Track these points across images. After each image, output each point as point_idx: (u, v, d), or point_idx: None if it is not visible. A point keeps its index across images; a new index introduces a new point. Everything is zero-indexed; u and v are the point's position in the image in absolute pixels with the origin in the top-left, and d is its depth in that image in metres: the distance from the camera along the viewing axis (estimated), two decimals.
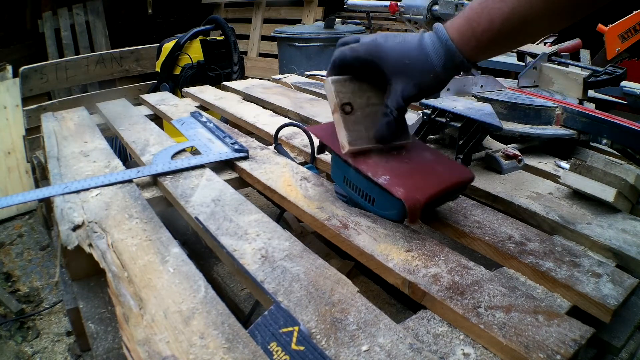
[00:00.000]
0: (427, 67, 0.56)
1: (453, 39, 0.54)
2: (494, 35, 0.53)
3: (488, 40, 0.54)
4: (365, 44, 0.59)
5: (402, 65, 0.56)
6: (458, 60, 0.55)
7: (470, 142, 0.79)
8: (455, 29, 0.55)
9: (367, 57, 0.58)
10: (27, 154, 1.80)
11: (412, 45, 0.56)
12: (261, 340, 0.43)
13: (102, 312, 0.57)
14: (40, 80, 1.83)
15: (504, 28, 0.52)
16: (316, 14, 3.55)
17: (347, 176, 0.65)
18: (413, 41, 0.56)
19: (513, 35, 0.55)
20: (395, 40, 0.57)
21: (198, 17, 3.12)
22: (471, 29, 0.54)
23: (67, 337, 1.57)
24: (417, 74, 0.56)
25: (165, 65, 1.88)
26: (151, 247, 0.57)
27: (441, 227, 0.65)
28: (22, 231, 2.24)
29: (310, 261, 0.54)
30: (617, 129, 0.85)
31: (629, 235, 0.63)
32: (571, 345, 0.42)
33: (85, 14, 3.69)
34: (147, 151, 0.89)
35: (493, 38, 0.54)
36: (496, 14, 0.52)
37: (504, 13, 0.51)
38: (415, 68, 0.56)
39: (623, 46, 1.86)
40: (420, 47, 0.56)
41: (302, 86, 1.44)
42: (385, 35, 0.58)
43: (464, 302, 0.47)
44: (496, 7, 0.52)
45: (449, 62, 0.55)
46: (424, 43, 0.56)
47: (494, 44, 0.55)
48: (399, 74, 0.57)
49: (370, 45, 0.58)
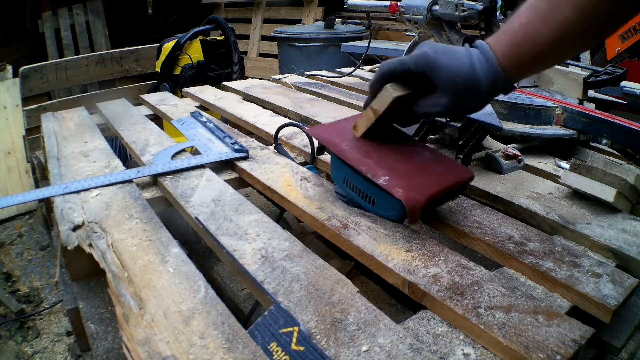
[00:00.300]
0: (477, 89, 0.56)
1: (500, 63, 0.55)
2: (536, 59, 0.55)
3: (531, 63, 0.56)
4: (414, 58, 0.58)
5: (452, 82, 0.56)
6: (504, 85, 0.56)
7: (470, 142, 0.79)
8: (500, 53, 0.55)
9: (417, 71, 0.58)
10: (27, 154, 1.80)
11: (463, 64, 0.56)
12: (261, 341, 0.43)
13: (102, 312, 0.57)
14: (40, 80, 1.83)
15: (546, 51, 0.54)
16: (316, 14, 3.54)
17: (347, 177, 0.65)
18: (464, 60, 0.56)
19: (553, 56, 0.56)
20: (446, 54, 0.57)
21: (198, 17, 3.12)
22: (515, 55, 0.54)
23: (67, 337, 1.57)
24: (466, 93, 0.57)
25: (165, 65, 1.88)
26: (151, 247, 0.57)
27: (441, 227, 0.65)
28: (22, 231, 2.24)
29: (310, 261, 0.54)
30: (617, 129, 0.85)
31: (629, 235, 0.63)
32: (571, 345, 0.42)
33: (85, 14, 3.69)
34: (147, 151, 0.89)
35: (535, 61, 0.55)
36: (540, 39, 0.52)
37: (547, 38, 0.52)
38: (465, 87, 0.56)
39: (623, 46, 1.86)
40: (472, 68, 0.55)
41: (302, 86, 1.44)
42: (434, 48, 0.58)
43: (464, 302, 0.47)
44: (539, 31, 0.52)
45: (495, 86, 0.56)
46: (475, 64, 0.56)
47: (534, 67, 0.57)
48: (447, 89, 0.57)
49: (420, 59, 0.57)
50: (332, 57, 2.51)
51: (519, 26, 0.54)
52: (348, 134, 0.67)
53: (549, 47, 0.53)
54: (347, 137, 0.66)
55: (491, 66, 0.55)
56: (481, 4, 0.84)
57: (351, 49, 2.30)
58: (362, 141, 0.65)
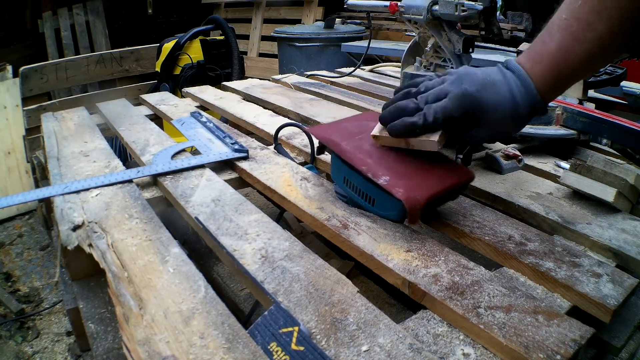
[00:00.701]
0: (517, 120, 0.56)
1: (538, 88, 0.55)
2: (571, 80, 0.56)
3: (566, 85, 0.56)
4: (456, 100, 0.56)
5: (496, 118, 0.56)
6: (541, 109, 0.56)
7: None
8: (539, 78, 0.54)
9: (463, 116, 0.56)
10: (27, 154, 1.80)
11: (505, 98, 0.55)
12: (261, 341, 0.43)
13: (102, 312, 0.57)
14: (40, 80, 1.83)
15: (581, 69, 0.54)
16: (316, 14, 3.54)
17: (347, 176, 0.65)
18: (505, 93, 0.55)
19: (586, 74, 0.58)
20: (486, 89, 0.55)
21: (198, 17, 3.11)
22: (555, 78, 0.54)
23: (67, 337, 1.57)
24: (507, 125, 0.57)
25: (165, 65, 1.88)
26: (151, 247, 0.57)
27: (441, 227, 0.65)
28: (22, 231, 2.24)
29: (310, 261, 0.54)
30: (617, 129, 0.85)
31: (629, 235, 0.63)
32: (571, 345, 0.42)
33: (85, 14, 3.69)
34: (147, 151, 0.89)
35: (570, 82, 0.56)
36: (575, 59, 0.53)
37: (583, 58, 0.52)
38: (508, 121, 0.56)
39: None
40: (514, 101, 0.55)
41: (302, 86, 1.44)
42: (474, 83, 0.55)
43: (464, 302, 0.47)
44: (575, 52, 0.52)
45: (533, 112, 0.56)
46: (516, 96, 0.55)
47: (567, 87, 0.58)
48: (490, 124, 0.57)
49: (464, 101, 0.55)
50: (332, 57, 2.51)
51: (557, 50, 0.53)
52: (349, 133, 0.67)
53: (584, 66, 0.53)
54: (347, 137, 0.66)
55: (530, 94, 0.55)
56: (481, 4, 0.84)
57: (351, 49, 2.30)
58: (362, 141, 0.65)
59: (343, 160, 0.64)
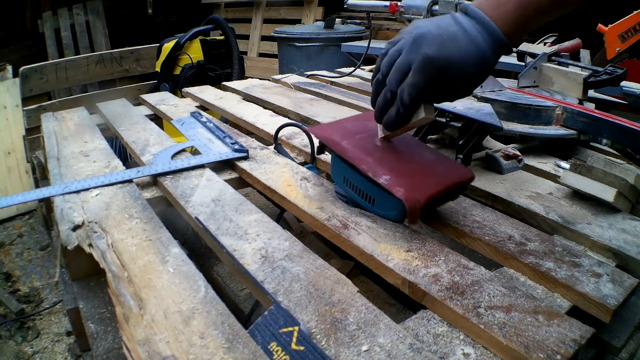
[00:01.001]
0: (486, 68, 0.55)
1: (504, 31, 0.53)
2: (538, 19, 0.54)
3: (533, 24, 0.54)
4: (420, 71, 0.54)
5: (466, 73, 0.55)
6: (507, 51, 0.55)
7: (470, 142, 0.79)
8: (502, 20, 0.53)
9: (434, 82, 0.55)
10: (27, 154, 1.80)
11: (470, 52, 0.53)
12: (261, 340, 0.43)
13: (102, 312, 0.57)
14: (40, 80, 1.83)
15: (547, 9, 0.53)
16: (316, 14, 3.55)
17: (347, 176, 0.65)
18: (467, 44, 0.53)
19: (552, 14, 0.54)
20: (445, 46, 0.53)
21: (198, 17, 3.12)
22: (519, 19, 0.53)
23: (67, 337, 1.57)
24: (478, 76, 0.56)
25: (165, 65, 1.88)
26: (151, 247, 0.57)
27: (441, 227, 0.65)
28: (22, 231, 2.24)
29: (310, 261, 0.54)
30: (617, 129, 0.85)
31: (629, 235, 0.63)
32: (571, 345, 0.42)
33: (85, 14, 3.69)
34: (147, 151, 0.89)
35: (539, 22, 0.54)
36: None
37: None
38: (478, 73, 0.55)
39: (623, 46, 1.86)
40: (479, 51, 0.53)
41: (302, 86, 1.44)
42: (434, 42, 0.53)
43: (464, 302, 0.47)
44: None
45: (500, 55, 0.55)
46: (479, 43, 0.53)
47: (536, 27, 0.55)
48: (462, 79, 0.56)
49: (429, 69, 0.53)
50: (332, 57, 2.51)
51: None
52: (349, 133, 0.67)
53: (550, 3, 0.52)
54: (348, 137, 0.66)
55: (495, 39, 0.53)
56: None
57: (351, 49, 2.30)
58: (363, 141, 0.65)
59: (343, 160, 0.64)
